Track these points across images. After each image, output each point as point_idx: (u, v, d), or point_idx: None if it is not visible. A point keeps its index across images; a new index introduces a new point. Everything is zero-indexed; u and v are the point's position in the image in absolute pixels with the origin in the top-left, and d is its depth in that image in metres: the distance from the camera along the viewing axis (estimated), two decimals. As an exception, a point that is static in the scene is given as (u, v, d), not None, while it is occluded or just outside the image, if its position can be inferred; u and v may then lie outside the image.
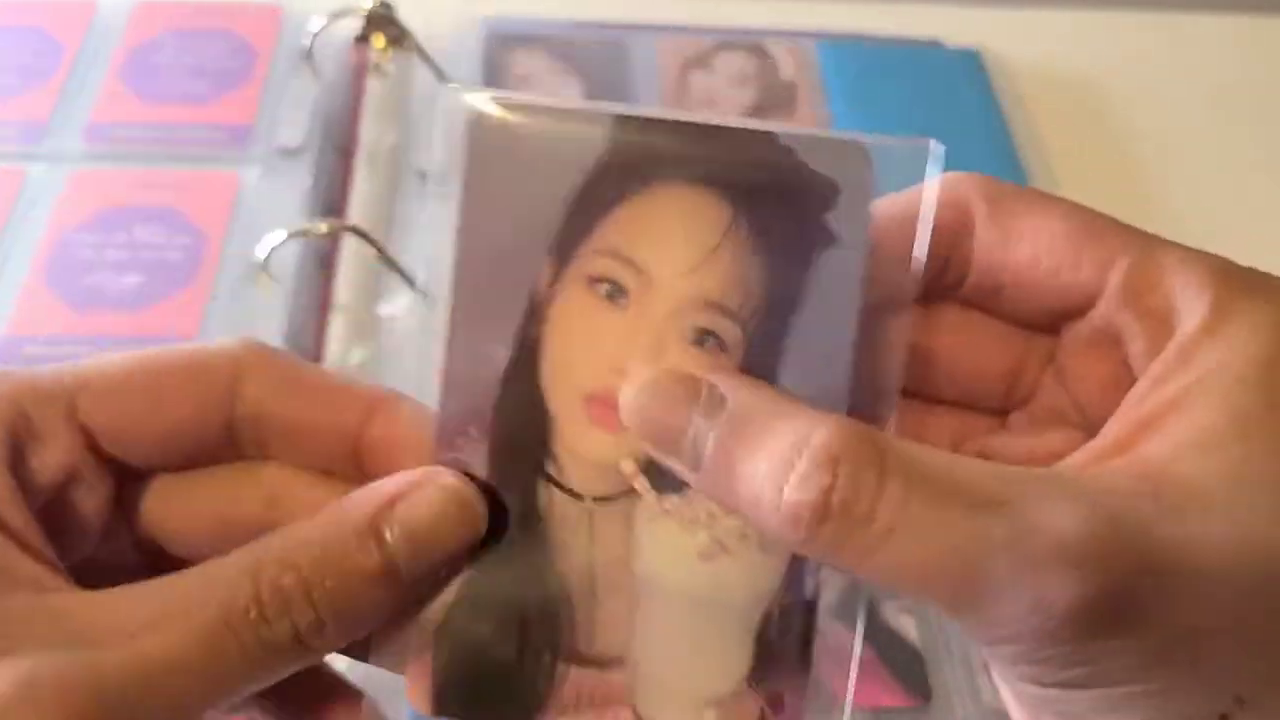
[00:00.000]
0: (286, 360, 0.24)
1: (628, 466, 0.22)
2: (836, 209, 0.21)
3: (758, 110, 0.57)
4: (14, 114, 0.53)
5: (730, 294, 0.21)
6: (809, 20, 0.63)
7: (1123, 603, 0.17)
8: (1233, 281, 0.20)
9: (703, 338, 0.22)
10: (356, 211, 0.52)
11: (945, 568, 0.18)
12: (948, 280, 0.23)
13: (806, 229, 0.21)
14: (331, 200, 0.53)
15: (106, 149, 0.52)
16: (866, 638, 0.40)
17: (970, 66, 0.60)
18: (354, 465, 0.24)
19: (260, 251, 0.48)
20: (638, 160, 0.22)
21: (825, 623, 0.37)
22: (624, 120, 0.22)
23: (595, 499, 0.22)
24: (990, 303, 0.23)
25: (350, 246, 0.50)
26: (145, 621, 0.20)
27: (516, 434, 0.22)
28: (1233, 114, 0.63)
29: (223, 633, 0.20)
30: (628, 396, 0.20)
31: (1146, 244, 0.21)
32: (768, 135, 0.21)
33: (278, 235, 0.47)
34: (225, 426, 0.24)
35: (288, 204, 0.50)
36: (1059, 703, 0.19)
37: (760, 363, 0.22)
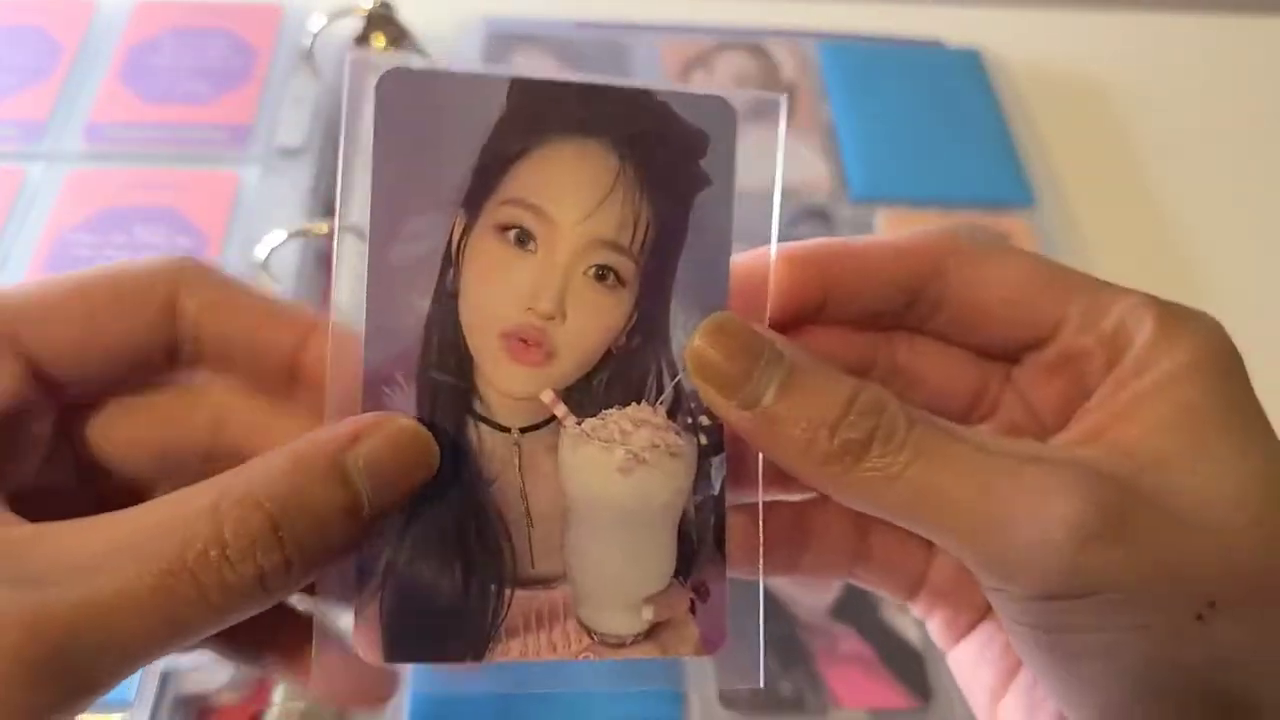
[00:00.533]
0: (224, 277, 0.25)
1: (547, 396, 0.24)
2: (708, 156, 0.24)
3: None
4: (13, 113, 0.53)
5: (623, 233, 0.24)
6: (809, 20, 0.63)
7: (1114, 518, 0.22)
8: (1167, 309, 0.24)
9: (603, 273, 0.25)
10: (357, 211, 0.52)
11: (963, 494, 0.22)
12: (919, 313, 0.26)
13: (684, 174, 0.24)
14: (332, 200, 0.53)
15: (106, 149, 0.52)
16: (867, 638, 0.40)
17: (970, 66, 0.60)
18: (286, 386, 0.24)
19: (260, 251, 0.47)
20: (534, 118, 0.24)
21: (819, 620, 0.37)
22: (520, 83, 0.24)
23: (521, 430, 0.24)
24: (960, 335, 0.26)
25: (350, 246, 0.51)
26: (98, 558, 0.20)
27: (442, 377, 0.24)
28: (1232, 113, 0.63)
29: (181, 574, 0.20)
30: (695, 343, 0.23)
31: (1095, 284, 0.25)
32: (646, 93, 0.24)
33: (278, 235, 0.47)
34: (165, 343, 0.24)
35: (288, 204, 0.50)
36: (1061, 614, 0.22)
37: (654, 291, 0.24)
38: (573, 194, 0.24)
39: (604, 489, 0.25)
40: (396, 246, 0.24)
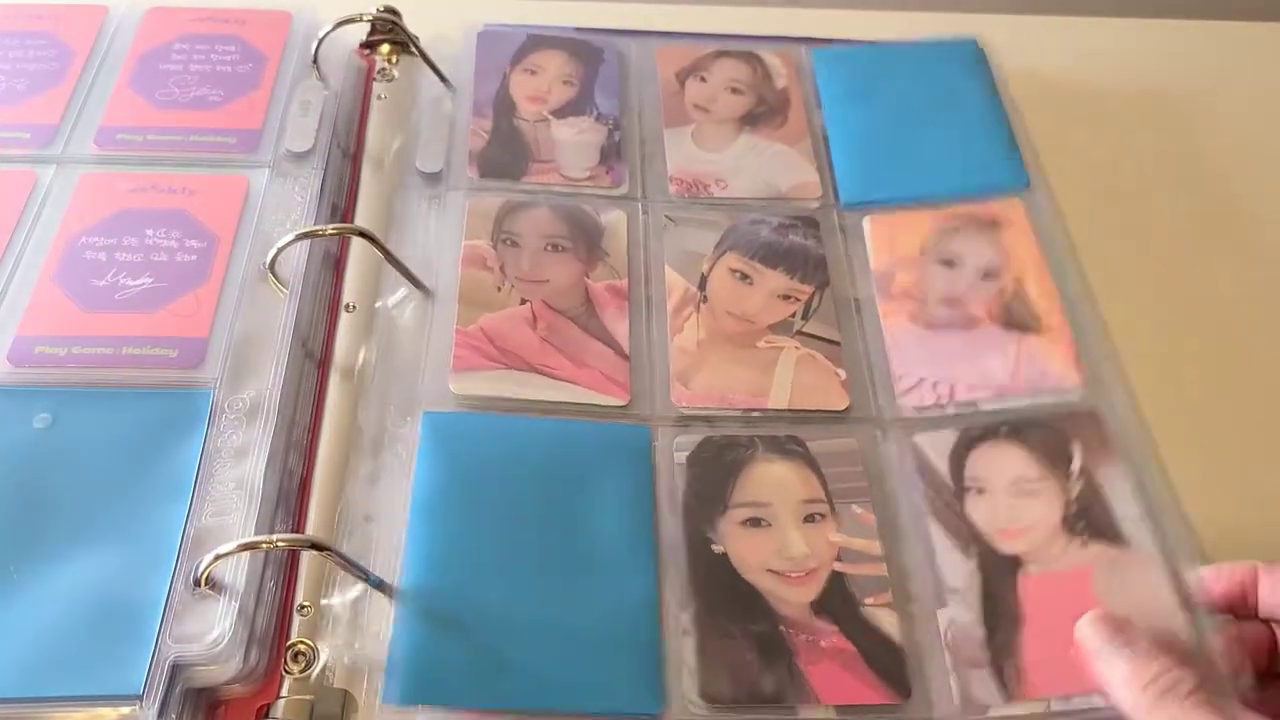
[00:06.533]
0: None
1: None
2: None
3: (751, 117, 0.58)
4: (25, 118, 0.54)
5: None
6: (805, 28, 0.64)
7: None
8: None
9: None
10: (363, 214, 0.53)
11: None
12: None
13: None
14: (339, 203, 0.54)
15: (117, 153, 0.53)
16: (849, 635, 0.41)
17: (967, 54, 0.60)
18: None
19: (269, 254, 0.48)
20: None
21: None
22: None
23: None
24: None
25: (357, 248, 0.51)
26: None
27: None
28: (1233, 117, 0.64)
29: None
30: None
31: None
32: None
33: (286, 237, 0.48)
34: None
35: (296, 207, 0.51)
36: None
37: None
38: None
39: None
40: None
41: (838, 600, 0.42)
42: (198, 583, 0.40)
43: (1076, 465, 0.45)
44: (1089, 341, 0.49)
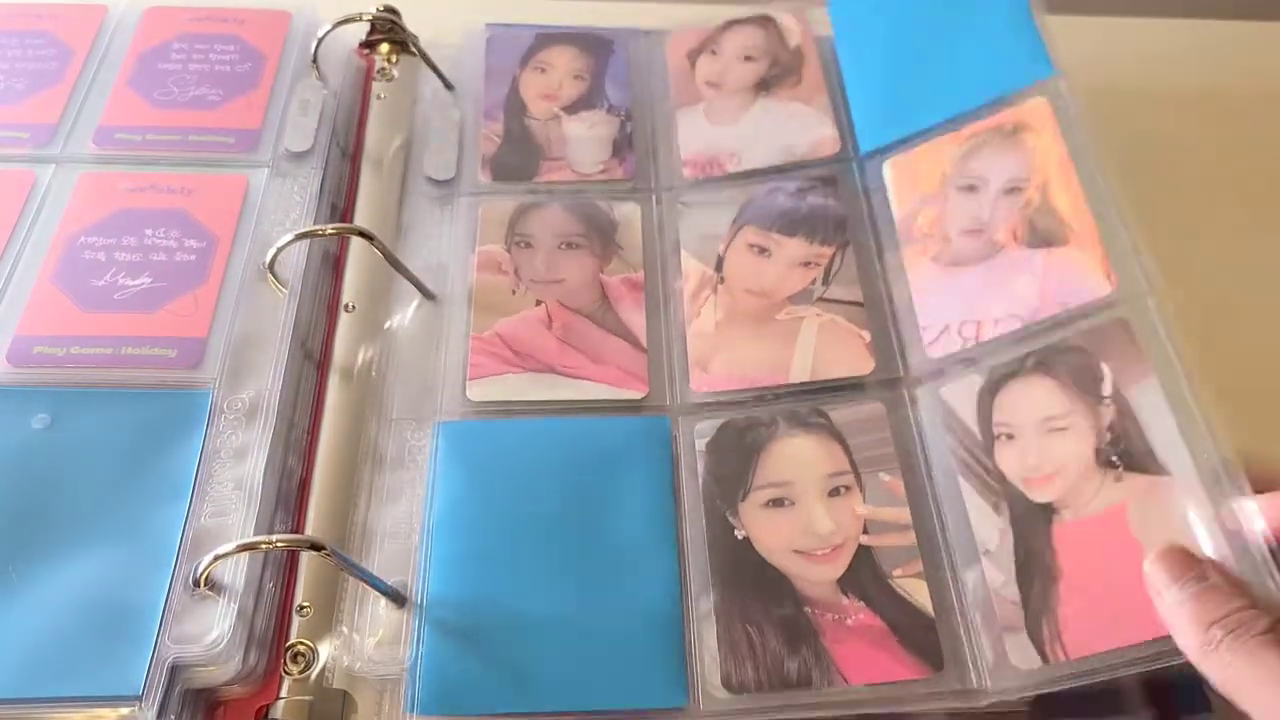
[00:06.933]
0: None
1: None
2: None
3: (765, 82, 0.57)
4: (23, 117, 0.54)
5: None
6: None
7: None
8: None
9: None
10: (363, 214, 0.53)
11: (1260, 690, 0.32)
12: None
13: None
14: (338, 203, 0.54)
15: (116, 152, 0.53)
16: (877, 610, 0.41)
17: None
18: None
19: (269, 253, 0.48)
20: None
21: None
22: None
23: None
24: None
25: (357, 248, 0.51)
26: None
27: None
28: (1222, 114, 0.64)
29: None
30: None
31: None
32: None
33: (286, 237, 0.48)
34: None
35: (295, 206, 0.51)
36: None
37: None
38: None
39: None
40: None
41: (865, 575, 0.41)
42: (197, 583, 0.40)
43: (1107, 388, 0.42)
44: (1120, 244, 0.45)
